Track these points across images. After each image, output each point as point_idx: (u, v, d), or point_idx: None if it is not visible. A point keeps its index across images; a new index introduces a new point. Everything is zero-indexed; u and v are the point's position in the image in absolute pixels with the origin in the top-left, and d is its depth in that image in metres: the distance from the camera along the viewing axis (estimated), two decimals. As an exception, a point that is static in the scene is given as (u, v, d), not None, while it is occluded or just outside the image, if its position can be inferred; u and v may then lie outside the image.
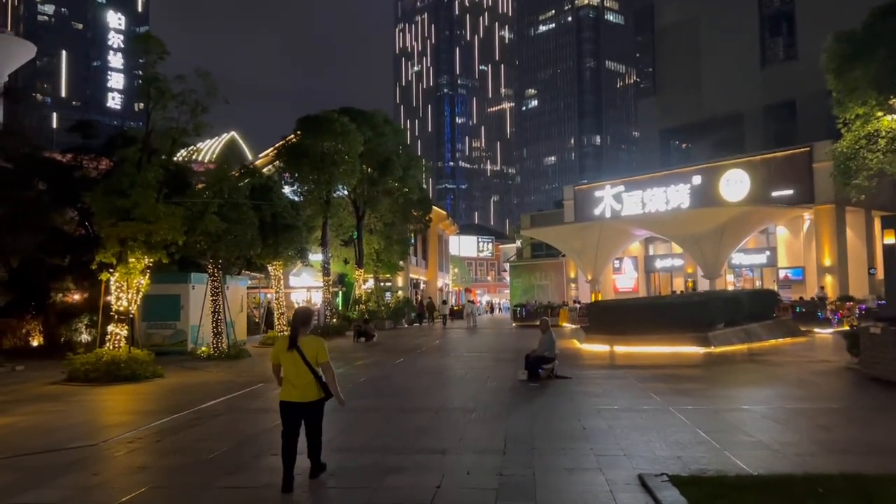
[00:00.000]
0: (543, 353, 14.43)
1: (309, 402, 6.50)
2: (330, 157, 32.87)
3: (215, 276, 22.12)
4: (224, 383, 15.30)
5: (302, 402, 6.48)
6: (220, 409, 11.67)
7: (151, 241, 15.98)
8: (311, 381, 6.48)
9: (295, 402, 6.48)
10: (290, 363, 6.50)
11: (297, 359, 6.46)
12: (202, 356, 21.60)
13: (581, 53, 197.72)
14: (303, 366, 6.44)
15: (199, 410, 11.42)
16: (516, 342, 26.97)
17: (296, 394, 6.48)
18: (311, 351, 6.51)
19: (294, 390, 6.48)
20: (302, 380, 6.45)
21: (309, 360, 6.46)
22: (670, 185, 37.42)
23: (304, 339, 6.59)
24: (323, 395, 6.56)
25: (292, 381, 6.49)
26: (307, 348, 6.51)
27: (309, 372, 6.45)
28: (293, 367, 6.48)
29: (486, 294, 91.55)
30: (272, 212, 26.55)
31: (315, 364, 6.50)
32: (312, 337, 6.72)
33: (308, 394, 6.48)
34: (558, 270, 44.89)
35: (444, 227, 66.47)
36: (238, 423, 10.33)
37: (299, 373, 6.46)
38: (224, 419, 10.70)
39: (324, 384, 6.55)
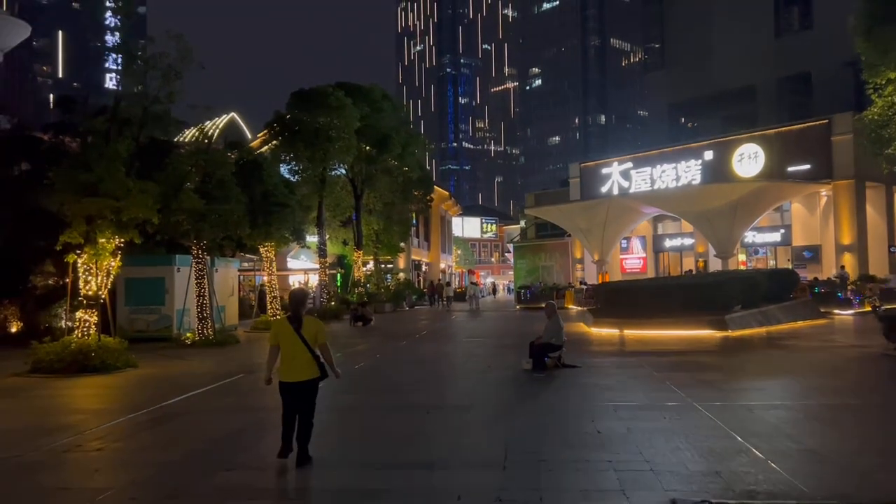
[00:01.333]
0: (549, 340, 13.08)
1: (306, 381, 6.65)
2: (324, 132, 31.44)
3: (200, 258, 20.78)
4: (201, 374, 14.02)
5: (300, 380, 6.62)
6: (186, 406, 10.36)
7: (122, 219, 14.61)
8: (310, 360, 6.63)
9: (294, 381, 6.62)
10: (289, 343, 6.65)
11: (296, 339, 6.62)
12: (186, 343, 20.35)
13: (585, 31, 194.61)
14: (301, 345, 6.60)
15: (161, 409, 10.11)
16: (520, 326, 25.67)
17: (295, 373, 6.62)
18: (310, 331, 6.68)
19: (293, 370, 6.63)
20: (299, 359, 6.60)
21: (308, 340, 6.63)
22: (681, 161, 35.88)
23: (304, 319, 6.74)
24: (319, 374, 6.71)
25: (291, 360, 6.63)
26: (306, 329, 6.67)
27: (307, 351, 6.61)
28: (292, 347, 6.63)
29: (490, 276, 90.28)
30: (263, 190, 25.24)
31: (314, 344, 6.67)
32: (311, 318, 6.84)
33: (306, 372, 6.63)
34: (564, 251, 43.48)
35: (447, 207, 65.06)
36: (199, 427, 9.02)
37: (297, 352, 6.61)
38: (185, 420, 9.39)
39: (321, 364, 6.71)
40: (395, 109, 40.64)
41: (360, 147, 36.21)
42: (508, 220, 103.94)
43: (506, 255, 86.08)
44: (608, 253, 36.51)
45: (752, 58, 47.45)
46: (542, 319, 14.48)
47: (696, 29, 52.07)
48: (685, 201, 32.22)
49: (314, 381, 6.73)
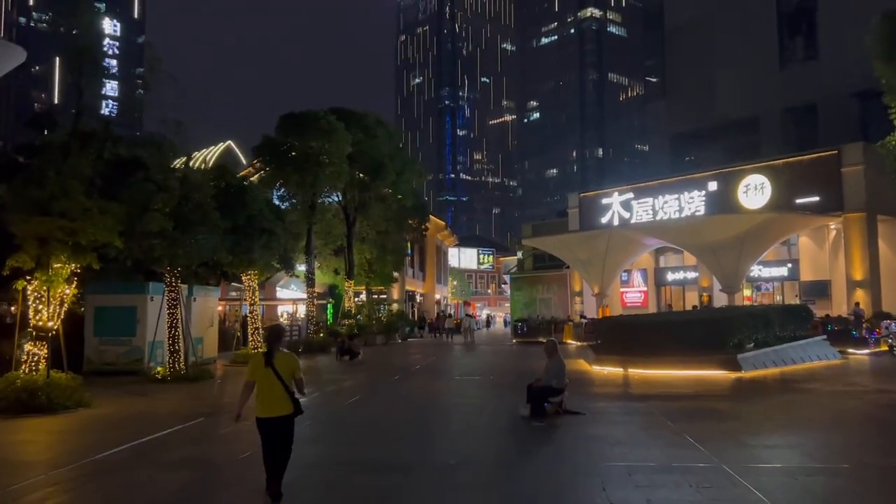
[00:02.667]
0: (550, 383, 11.62)
1: (282, 417, 6.64)
2: (315, 157, 30.21)
3: (173, 286, 19.31)
4: (161, 415, 12.51)
5: (274, 416, 6.63)
6: (128, 458, 8.87)
7: (81, 241, 13.20)
8: (284, 395, 6.62)
9: (269, 416, 6.64)
10: (264, 379, 6.64)
11: (271, 374, 6.60)
12: (157, 377, 18.78)
13: (583, 66, 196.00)
14: (276, 382, 6.59)
15: (98, 461, 8.61)
16: (517, 362, 24.18)
17: (270, 409, 6.63)
18: (285, 367, 6.67)
19: (268, 405, 6.63)
20: (275, 395, 6.59)
21: (282, 375, 6.61)
22: (684, 192, 34.67)
23: (278, 356, 6.72)
24: (293, 410, 6.68)
25: (266, 396, 6.63)
26: (281, 365, 6.66)
27: (282, 387, 6.61)
28: (267, 382, 6.62)
29: (487, 307, 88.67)
30: (247, 214, 23.90)
31: (289, 380, 6.67)
32: (286, 353, 6.85)
33: (281, 408, 6.62)
34: (562, 283, 42.07)
35: (443, 237, 63.81)
36: (131, 489, 7.53)
37: (273, 388, 6.61)
38: (120, 478, 7.90)
39: (295, 400, 6.71)
40: (391, 136, 39.53)
41: (353, 173, 35.01)
42: (505, 252, 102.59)
43: (502, 286, 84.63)
44: (608, 286, 35.09)
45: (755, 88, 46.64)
46: (539, 355, 13.11)
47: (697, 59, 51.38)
48: (689, 233, 30.92)
49: (289, 417, 6.70)
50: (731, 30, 49.86)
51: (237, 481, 7.82)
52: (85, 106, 13.96)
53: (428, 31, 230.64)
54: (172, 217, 18.71)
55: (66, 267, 13.51)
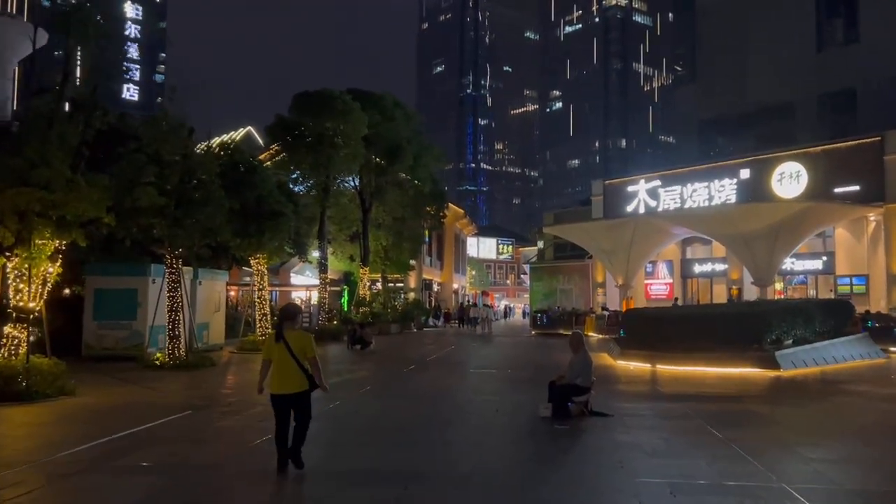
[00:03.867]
0: (574, 381, 10.36)
1: (295, 393, 6.80)
2: (329, 138, 29.05)
3: (174, 268, 18.26)
4: (147, 406, 11.45)
5: (289, 393, 6.78)
6: (93, 458, 7.76)
7: (66, 216, 12.13)
8: (298, 372, 6.77)
9: (283, 393, 6.79)
10: (277, 356, 6.79)
11: (283, 352, 6.74)
12: (156, 364, 17.77)
13: (608, 55, 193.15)
14: (289, 359, 6.74)
15: (54, 461, 7.52)
16: (536, 355, 22.92)
17: (283, 386, 6.78)
18: (297, 345, 6.80)
19: (281, 382, 6.78)
20: (287, 372, 6.74)
21: (296, 353, 6.75)
22: (714, 180, 33.07)
23: (291, 334, 6.84)
24: (308, 386, 6.85)
25: (280, 373, 6.78)
26: (294, 342, 6.79)
27: (295, 364, 6.75)
28: (280, 360, 6.77)
29: (505, 298, 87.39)
30: (255, 196, 22.83)
31: (302, 358, 6.78)
32: (300, 332, 7.02)
33: (294, 385, 6.78)
34: (584, 274, 40.63)
35: (462, 226, 62.53)
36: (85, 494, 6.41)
37: (285, 365, 6.75)
38: (74, 483, 6.78)
39: (310, 376, 6.83)
40: (409, 119, 38.27)
41: (369, 157, 33.85)
42: (525, 242, 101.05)
43: (522, 276, 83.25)
44: (633, 277, 33.66)
45: (790, 73, 44.60)
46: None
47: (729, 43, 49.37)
48: (720, 222, 29.38)
49: (303, 394, 6.87)
50: (766, 11, 47.76)
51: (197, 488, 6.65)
52: (72, 71, 12.81)
53: (450, 18, 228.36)
54: (174, 195, 17.72)
55: (49, 243, 12.44)
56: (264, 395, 7.00)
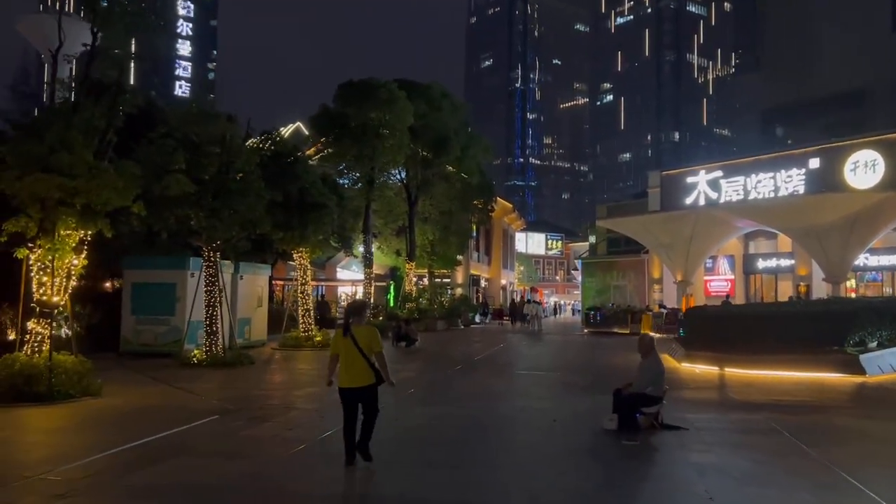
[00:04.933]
0: (644, 390, 9.10)
1: (363, 387, 6.90)
2: (374, 128, 28.13)
3: (211, 261, 17.53)
4: (172, 410, 10.62)
5: (356, 387, 6.89)
6: (95, 473, 6.86)
7: (93, 205, 11.37)
8: (365, 367, 6.87)
9: (351, 387, 6.90)
10: (345, 351, 6.91)
11: (350, 346, 6.85)
12: (193, 361, 17.07)
13: (660, 46, 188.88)
14: (357, 353, 6.84)
15: (51, 478, 6.63)
16: (592, 357, 21.55)
17: (351, 379, 6.89)
18: (364, 339, 6.88)
19: (349, 376, 6.89)
20: (355, 366, 6.87)
21: (363, 348, 6.84)
22: (780, 170, 31.01)
23: (358, 329, 6.96)
24: (375, 380, 6.94)
25: (348, 368, 6.91)
26: (361, 337, 6.88)
27: (362, 359, 6.85)
28: (348, 354, 6.88)
29: (555, 294, 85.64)
30: (298, 186, 22.01)
31: (369, 352, 6.88)
32: (366, 327, 7.10)
33: (361, 379, 6.88)
34: (639, 269, 38.92)
35: (510, 220, 61.15)
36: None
37: (353, 360, 6.87)
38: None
39: (376, 370, 6.92)
40: (456, 109, 37.13)
41: (415, 148, 32.87)
42: (575, 238, 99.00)
43: (572, 272, 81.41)
44: (693, 273, 31.91)
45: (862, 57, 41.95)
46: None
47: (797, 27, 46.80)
48: (790, 214, 27.50)
49: (370, 387, 6.95)
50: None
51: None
52: (99, 52, 12.03)
53: (499, 11, 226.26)
54: (211, 185, 16.98)
55: (73, 234, 11.71)
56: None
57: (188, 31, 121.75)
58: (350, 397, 6.94)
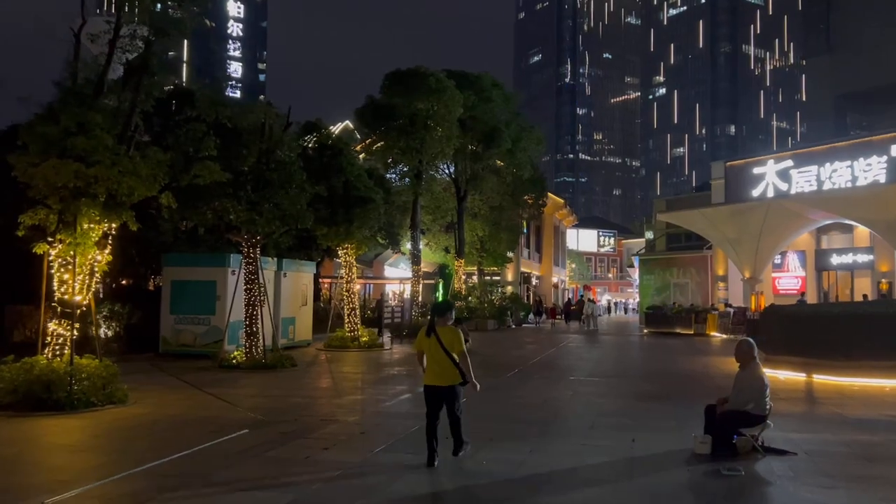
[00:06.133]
0: (745, 407, 7.60)
1: (446, 386, 6.99)
2: (422, 119, 26.94)
3: (251, 258, 16.54)
4: (202, 420, 9.55)
5: (440, 385, 7.00)
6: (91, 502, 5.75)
7: (118, 194, 10.39)
8: (449, 366, 6.96)
9: (434, 385, 7.03)
10: (429, 350, 7.04)
11: (435, 346, 6.97)
12: (233, 363, 16.13)
13: (714, 38, 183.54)
14: (441, 352, 6.94)
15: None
16: (657, 360, 19.93)
17: (435, 378, 7.02)
18: (447, 339, 6.98)
19: (433, 375, 7.03)
20: (440, 365, 6.98)
21: (446, 347, 6.93)
22: (858, 158, 28.67)
23: (442, 329, 7.05)
24: (460, 380, 6.99)
25: (432, 366, 7.03)
26: (444, 337, 6.98)
27: (447, 358, 6.94)
28: (432, 353, 7.01)
29: (607, 293, 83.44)
30: (343, 179, 20.97)
31: (452, 351, 6.94)
32: (450, 327, 7.16)
33: (445, 378, 6.98)
34: (701, 266, 36.79)
35: (561, 216, 59.41)
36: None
37: (438, 359, 6.98)
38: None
39: (461, 370, 6.96)
40: (507, 100, 35.77)
41: (465, 143, 31.60)
42: (628, 234, 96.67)
43: (627, 269, 79.04)
44: (762, 270, 29.76)
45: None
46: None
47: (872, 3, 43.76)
48: (872, 205, 25.25)
49: (454, 388, 7.01)
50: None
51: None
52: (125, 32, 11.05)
53: (547, 6, 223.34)
54: (250, 176, 16.02)
55: (96, 227, 10.75)
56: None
57: (238, 32, 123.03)
58: (433, 396, 7.05)
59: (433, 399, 7.04)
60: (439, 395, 7.00)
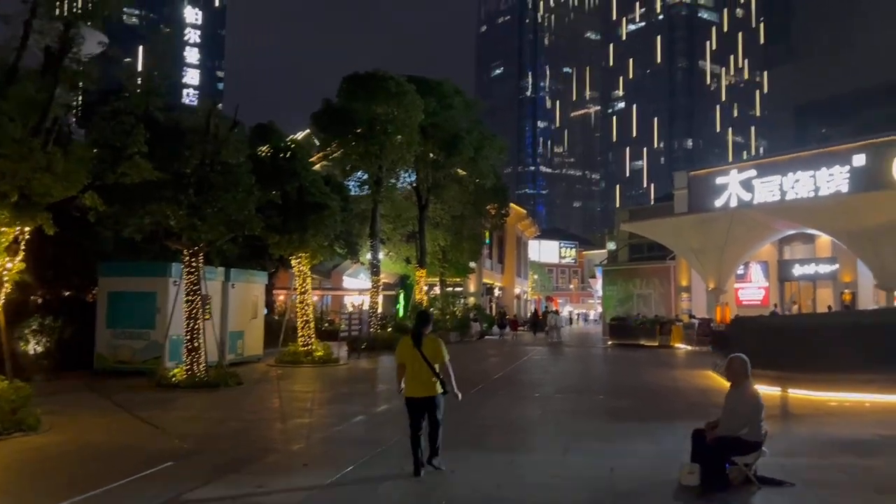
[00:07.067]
0: (738, 433, 6.73)
1: (429, 397, 6.97)
2: (381, 124, 25.94)
3: (192, 268, 15.30)
4: (124, 450, 8.40)
5: (422, 396, 6.98)
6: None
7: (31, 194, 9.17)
8: (430, 377, 6.94)
9: (417, 397, 7.01)
10: (412, 361, 7.03)
11: (418, 357, 6.97)
12: (172, 381, 14.84)
13: (672, 53, 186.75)
14: (423, 364, 6.95)
15: None
16: (627, 372, 19.16)
17: (417, 389, 7.01)
18: (430, 351, 7.00)
19: (416, 386, 7.01)
20: (422, 376, 6.96)
21: (428, 358, 6.96)
22: (821, 168, 28.48)
23: (425, 340, 7.06)
24: (441, 390, 6.99)
25: (414, 377, 7.01)
26: (427, 348, 7.00)
27: (428, 370, 6.94)
28: (414, 364, 7.00)
29: (569, 304, 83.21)
30: (297, 184, 19.87)
31: (434, 362, 6.97)
32: (432, 337, 7.18)
33: (428, 389, 6.96)
34: (664, 277, 36.40)
35: (524, 227, 58.87)
36: None
37: (420, 370, 6.97)
38: None
39: (442, 381, 6.99)
40: (469, 107, 34.95)
41: (426, 151, 30.70)
42: (589, 246, 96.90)
43: (589, 280, 78.88)
44: (727, 280, 29.39)
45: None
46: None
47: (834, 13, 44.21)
48: (836, 215, 25.02)
49: (436, 398, 6.98)
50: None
51: None
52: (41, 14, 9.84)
53: (509, 20, 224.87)
54: (193, 179, 14.82)
55: (8, 231, 9.49)
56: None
57: (196, 39, 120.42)
58: (416, 407, 7.00)
59: (416, 410, 6.99)
60: (422, 405, 6.97)
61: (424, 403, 6.98)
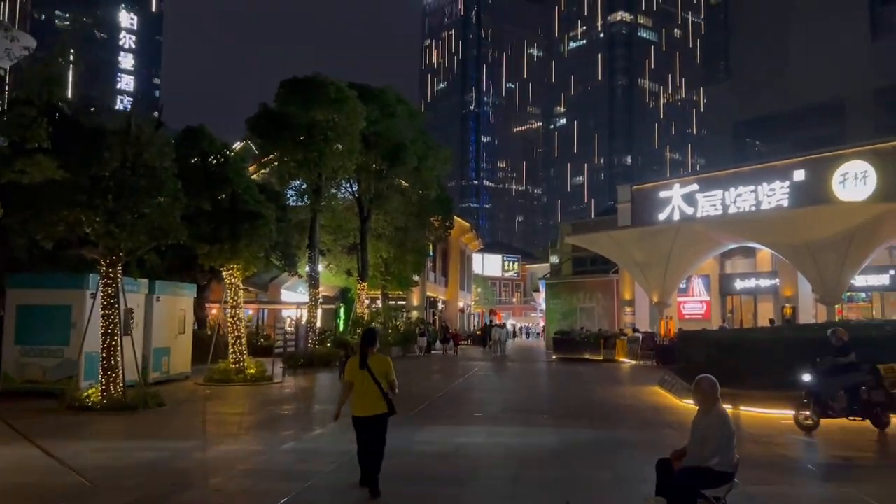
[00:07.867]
0: (708, 463, 6.05)
1: (376, 416, 6.92)
2: (321, 131, 24.91)
3: (109, 279, 14.02)
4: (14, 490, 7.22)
5: (370, 415, 6.91)
6: None
7: None
8: (379, 396, 6.87)
9: (364, 416, 6.93)
10: (360, 380, 6.92)
11: (366, 376, 6.87)
12: (86, 403, 13.50)
13: (612, 71, 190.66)
14: (371, 383, 6.86)
15: None
16: (574, 389, 18.58)
17: (365, 408, 6.91)
18: (379, 368, 6.94)
19: (363, 405, 6.92)
20: (370, 395, 6.86)
21: (377, 377, 6.87)
22: (762, 183, 28.83)
23: (373, 358, 7.00)
24: (388, 410, 6.94)
25: (361, 396, 6.91)
26: (375, 366, 6.93)
27: (377, 388, 6.86)
28: (363, 383, 6.89)
29: (512, 317, 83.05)
30: (229, 192, 18.77)
31: (383, 381, 6.90)
32: (379, 355, 7.13)
33: (375, 408, 6.90)
34: (608, 290, 36.29)
35: (468, 240, 58.35)
36: None
37: (368, 389, 6.88)
38: None
39: (389, 401, 6.93)
40: (412, 116, 34.21)
41: (369, 161, 29.77)
42: (531, 259, 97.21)
43: (532, 293, 78.92)
44: (671, 294, 29.33)
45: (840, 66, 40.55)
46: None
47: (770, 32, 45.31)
48: (778, 229, 25.16)
49: (384, 416, 6.95)
50: (812, 0, 43.69)
51: None
52: None
53: (453, 35, 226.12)
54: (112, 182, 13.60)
55: None
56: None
57: (131, 44, 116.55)
58: (365, 426, 6.94)
59: (363, 429, 6.94)
60: (371, 424, 6.91)
61: (372, 422, 6.90)
